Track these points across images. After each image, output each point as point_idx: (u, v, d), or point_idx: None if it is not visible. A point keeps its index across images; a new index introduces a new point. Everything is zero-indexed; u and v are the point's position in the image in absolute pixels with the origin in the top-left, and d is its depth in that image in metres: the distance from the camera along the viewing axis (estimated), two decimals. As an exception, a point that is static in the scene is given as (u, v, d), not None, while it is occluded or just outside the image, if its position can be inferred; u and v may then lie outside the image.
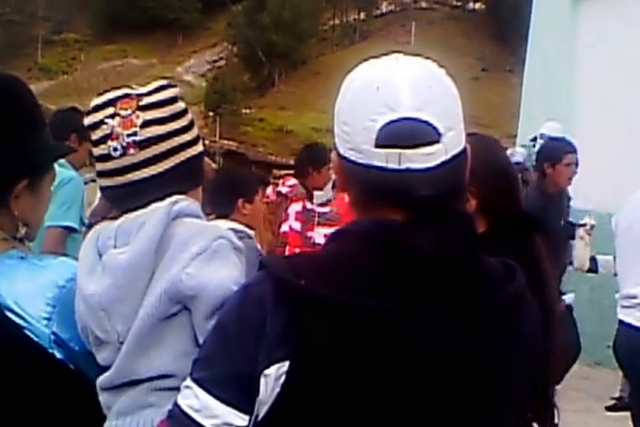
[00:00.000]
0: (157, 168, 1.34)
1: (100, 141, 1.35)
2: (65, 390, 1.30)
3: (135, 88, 1.40)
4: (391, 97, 1.02)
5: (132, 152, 1.33)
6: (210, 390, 1.00)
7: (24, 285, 1.28)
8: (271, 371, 0.97)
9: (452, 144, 1.03)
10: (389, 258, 0.99)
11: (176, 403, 1.03)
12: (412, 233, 0.99)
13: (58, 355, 1.29)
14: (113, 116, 1.34)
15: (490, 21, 55.31)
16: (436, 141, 1.01)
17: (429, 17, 59.32)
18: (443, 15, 60.90)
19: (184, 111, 1.40)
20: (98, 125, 1.35)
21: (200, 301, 1.26)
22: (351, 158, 1.05)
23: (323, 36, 59.03)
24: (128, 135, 1.33)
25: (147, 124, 1.34)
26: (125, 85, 1.41)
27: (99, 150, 1.36)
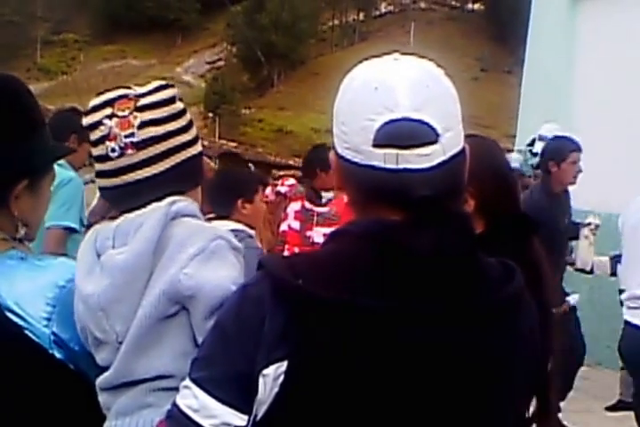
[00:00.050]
0: (155, 169, 1.34)
1: (99, 142, 1.35)
2: (65, 391, 1.30)
3: (134, 88, 1.39)
4: (389, 97, 1.01)
5: (129, 153, 1.33)
6: (208, 390, 0.99)
7: (24, 285, 1.28)
8: (270, 371, 0.97)
9: (450, 145, 1.03)
10: (388, 258, 0.99)
11: (175, 403, 1.03)
12: (411, 233, 0.99)
13: (58, 355, 1.29)
14: (111, 117, 1.34)
15: (489, 22, 55.41)
16: (434, 142, 1.01)
17: (428, 17, 59.39)
18: (442, 16, 60.98)
19: (182, 111, 1.40)
20: (96, 126, 1.35)
21: (198, 301, 1.26)
22: (349, 158, 1.04)
23: (322, 36, 59.09)
24: (125, 136, 1.33)
25: (144, 125, 1.34)
26: (124, 86, 1.41)
27: (97, 151, 1.36)
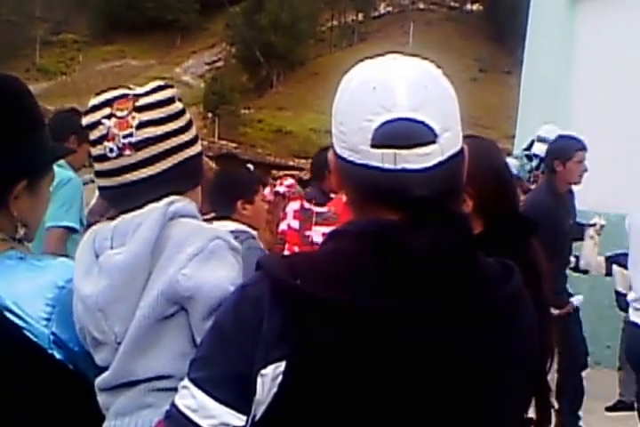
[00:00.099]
0: (154, 169, 1.34)
1: (97, 142, 1.35)
2: (64, 391, 1.30)
3: (133, 88, 1.39)
4: (387, 97, 1.02)
5: (127, 153, 1.33)
6: (207, 391, 0.99)
7: (23, 285, 1.28)
8: (268, 371, 0.97)
9: (448, 145, 1.03)
10: (386, 258, 0.99)
11: (173, 403, 1.03)
12: (409, 233, 0.99)
13: (57, 355, 1.28)
14: (109, 117, 1.34)
15: (487, 23, 55.43)
16: (432, 142, 1.01)
17: (427, 18, 59.41)
18: (440, 16, 60.99)
19: (181, 112, 1.40)
20: (95, 126, 1.35)
21: (197, 301, 1.25)
22: (348, 158, 1.05)
23: (321, 37, 59.09)
24: (124, 136, 1.33)
25: (143, 126, 1.34)
26: (123, 86, 1.41)
27: (96, 151, 1.36)
